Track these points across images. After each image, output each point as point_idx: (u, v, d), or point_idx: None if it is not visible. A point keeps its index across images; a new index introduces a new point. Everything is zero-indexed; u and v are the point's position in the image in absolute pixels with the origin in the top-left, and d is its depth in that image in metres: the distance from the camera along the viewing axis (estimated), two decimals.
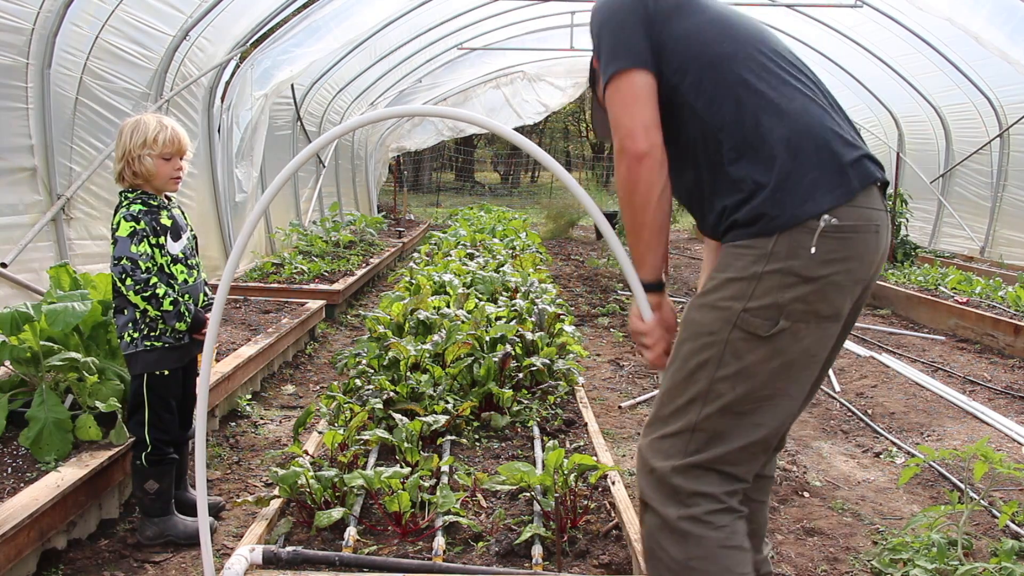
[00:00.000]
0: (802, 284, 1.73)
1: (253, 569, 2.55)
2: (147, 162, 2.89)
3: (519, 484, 2.96)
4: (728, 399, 1.78)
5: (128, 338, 2.96)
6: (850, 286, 1.79)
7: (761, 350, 1.76)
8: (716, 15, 1.90)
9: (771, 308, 1.75)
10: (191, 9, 6.31)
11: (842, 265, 1.75)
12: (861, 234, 1.76)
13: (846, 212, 1.73)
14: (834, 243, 1.73)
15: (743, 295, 1.76)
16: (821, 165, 1.75)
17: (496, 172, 33.59)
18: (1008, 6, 7.58)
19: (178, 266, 3.00)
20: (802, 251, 1.72)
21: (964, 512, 2.80)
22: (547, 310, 5.15)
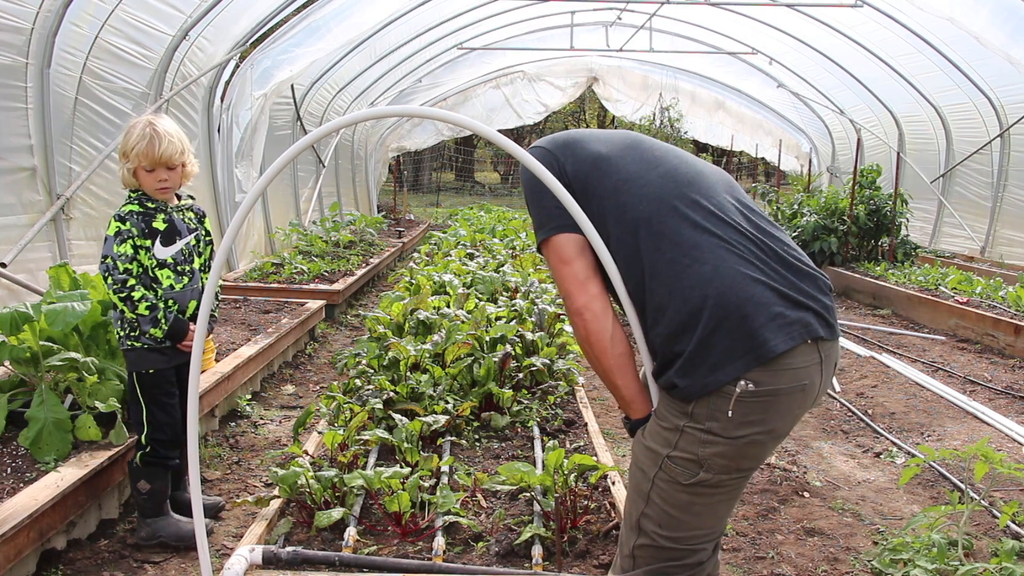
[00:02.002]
0: (722, 443, 1.77)
1: (253, 569, 2.54)
2: (126, 172, 2.91)
3: (519, 484, 2.95)
4: (651, 535, 1.86)
5: (118, 334, 2.99)
6: (773, 441, 1.83)
7: (682, 495, 1.82)
8: (632, 173, 1.88)
9: (692, 461, 1.79)
10: (191, 9, 6.31)
11: (762, 426, 1.77)
12: (782, 396, 1.76)
13: (765, 376, 1.73)
14: (752, 406, 1.74)
15: (668, 443, 1.82)
16: (732, 332, 1.73)
17: (496, 172, 33.58)
18: (1009, 6, 7.58)
19: (164, 271, 2.93)
20: (719, 414, 1.75)
21: (964, 512, 2.80)
22: (547, 310, 5.14)
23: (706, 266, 1.76)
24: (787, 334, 1.73)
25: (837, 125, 13.97)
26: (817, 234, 9.69)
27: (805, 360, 1.77)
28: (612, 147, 1.94)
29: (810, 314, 1.79)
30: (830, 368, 1.85)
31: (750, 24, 11.07)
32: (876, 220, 9.61)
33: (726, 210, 1.84)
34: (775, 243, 1.84)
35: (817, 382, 1.81)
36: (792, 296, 1.78)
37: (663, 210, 1.82)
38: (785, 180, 14.62)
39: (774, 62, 12.31)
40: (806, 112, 14.22)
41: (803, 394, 1.79)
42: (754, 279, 1.76)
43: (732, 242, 1.79)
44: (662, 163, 1.91)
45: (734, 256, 1.77)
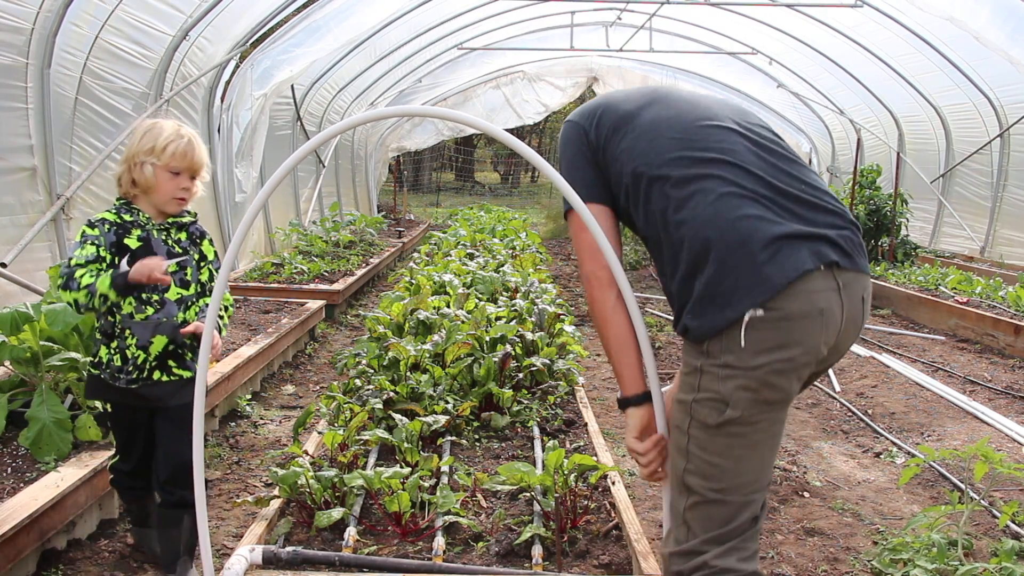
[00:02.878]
0: (741, 375, 1.75)
1: (253, 569, 2.54)
2: (147, 171, 2.50)
3: (519, 484, 2.96)
4: (699, 491, 1.82)
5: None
6: (796, 370, 1.78)
7: (718, 440, 1.80)
8: (645, 127, 1.94)
9: (717, 400, 1.78)
10: (191, 9, 6.31)
11: (780, 353, 1.74)
12: (796, 321, 1.74)
13: (775, 303, 1.72)
14: (764, 334, 1.73)
15: (693, 388, 1.82)
16: (736, 271, 1.74)
17: (496, 172, 33.58)
18: (1009, 6, 7.58)
19: (127, 299, 2.48)
20: (733, 346, 1.75)
21: (964, 512, 2.80)
22: (547, 310, 5.14)
23: (709, 209, 1.78)
24: (792, 265, 1.73)
25: (837, 125, 13.97)
26: None
27: (818, 285, 1.75)
28: (634, 105, 2.00)
29: (821, 243, 1.78)
30: (854, 298, 1.82)
31: (750, 24, 11.07)
32: (876, 220, 9.61)
33: (734, 152, 1.85)
34: (785, 180, 1.85)
35: (836, 309, 1.78)
36: (799, 229, 1.77)
37: (670, 157, 1.87)
38: None
39: (774, 62, 12.30)
40: (806, 112, 14.22)
41: (821, 319, 1.76)
42: (758, 217, 1.77)
43: (737, 182, 1.81)
44: (673, 114, 1.95)
45: (737, 197, 1.79)
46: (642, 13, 11.05)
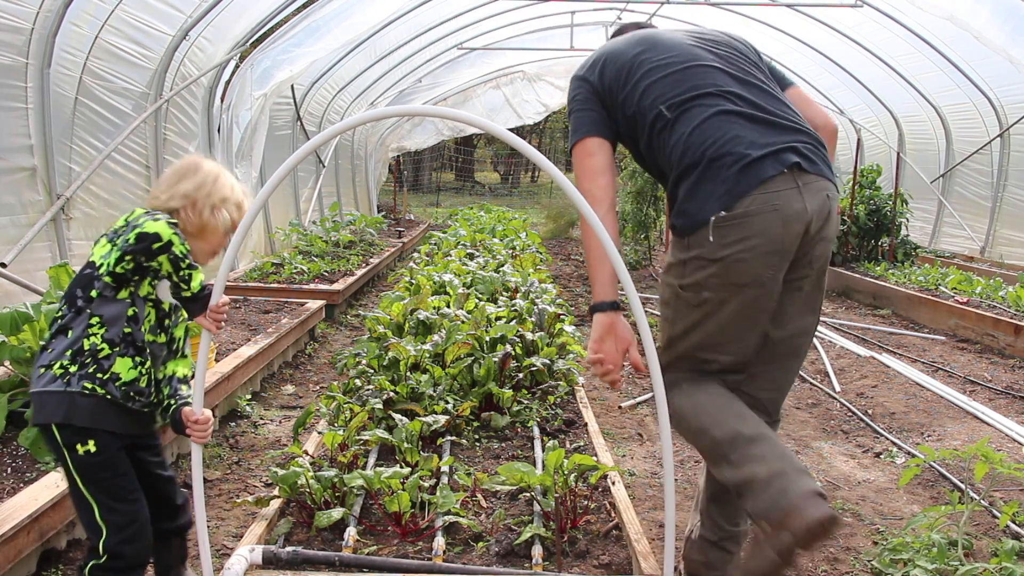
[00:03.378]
0: (711, 265, 2.17)
1: (253, 569, 2.54)
2: (223, 217, 2.25)
3: (519, 484, 2.95)
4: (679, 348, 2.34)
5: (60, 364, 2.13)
6: (759, 258, 2.15)
7: (695, 313, 2.25)
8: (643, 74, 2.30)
9: (696, 284, 2.22)
10: (191, 9, 6.31)
11: (741, 244, 2.13)
12: (755, 216, 2.12)
13: (737, 207, 2.12)
14: (727, 230, 2.13)
15: (680, 276, 2.25)
16: (710, 180, 2.14)
17: (496, 172, 33.58)
18: (1009, 5, 7.58)
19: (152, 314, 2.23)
20: (704, 241, 2.16)
21: (964, 512, 2.80)
22: (547, 310, 5.14)
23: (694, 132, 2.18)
24: (755, 175, 2.12)
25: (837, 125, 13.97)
26: None
27: (777, 186, 2.13)
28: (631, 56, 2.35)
29: (786, 152, 2.15)
30: (816, 195, 2.17)
31: (750, 24, 11.07)
32: (876, 220, 9.61)
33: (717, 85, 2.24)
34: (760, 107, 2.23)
35: (796, 204, 2.13)
36: (764, 143, 2.15)
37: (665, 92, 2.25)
38: None
39: (774, 62, 12.28)
40: None
41: (777, 213, 2.12)
42: (733, 137, 2.15)
43: (716, 109, 2.19)
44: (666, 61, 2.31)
45: (716, 120, 2.18)
46: (642, 13, 11.05)
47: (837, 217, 2.29)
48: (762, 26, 11.01)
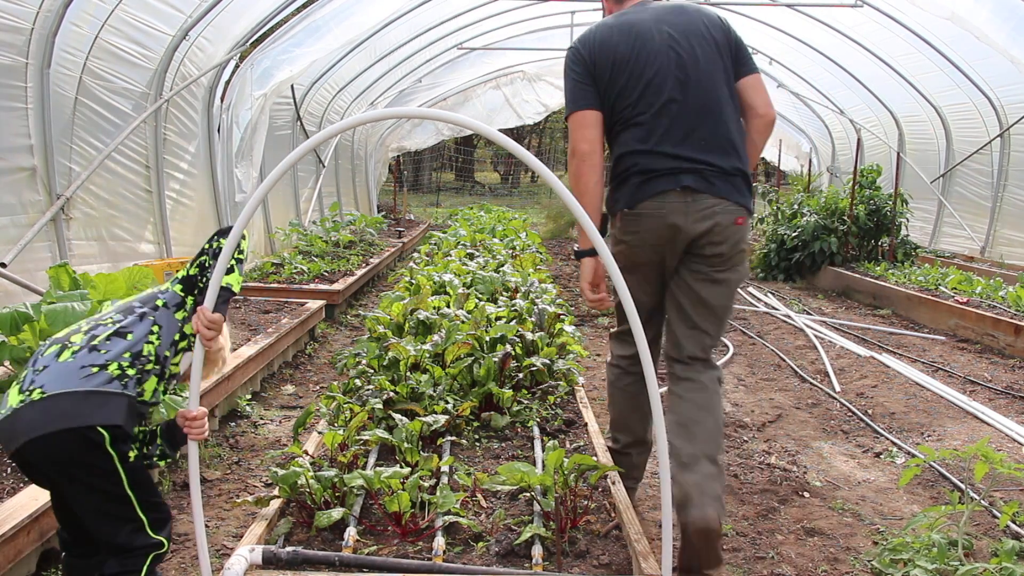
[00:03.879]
0: (621, 244, 2.98)
1: (253, 569, 2.54)
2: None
3: (519, 484, 2.95)
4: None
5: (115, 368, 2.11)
6: (645, 247, 2.93)
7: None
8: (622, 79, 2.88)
9: (617, 255, 2.92)
10: (191, 9, 6.31)
11: (634, 236, 2.93)
12: (644, 218, 2.87)
13: (636, 208, 2.88)
14: (627, 222, 2.93)
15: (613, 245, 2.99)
16: (625, 185, 2.90)
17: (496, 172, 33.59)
18: (1010, 5, 7.59)
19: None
20: (616, 227, 2.98)
21: (964, 512, 2.80)
22: (547, 310, 5.14)
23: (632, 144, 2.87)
24: (653, 188, 2.83)
25: (837, 125, 13.97)
26: (817, 234, 9.69)
27: (670, 200, 2.83)
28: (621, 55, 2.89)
29: (686, 175, 2.81)
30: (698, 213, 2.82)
31: (750, 24, 11.07)
32: (876, 220, 9.61)
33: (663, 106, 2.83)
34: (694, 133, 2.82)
35: (677, 218, 2.83)
36: (673, 164, 2.81)
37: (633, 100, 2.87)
38: (785, 180, 14.63)
39: (774, 62, 12.30)
40: (806, 112, 14.22)
41: (662, 220, 2.84)
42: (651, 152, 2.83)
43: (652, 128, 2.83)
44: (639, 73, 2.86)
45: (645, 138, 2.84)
46: None
47: (730, 226, 2.86)
48: (762, 26, 11.01)
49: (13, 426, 1.98)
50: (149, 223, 6.54)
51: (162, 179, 6.66)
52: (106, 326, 2.16)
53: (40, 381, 2.01)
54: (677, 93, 2.81)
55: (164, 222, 6.69)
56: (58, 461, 2.01)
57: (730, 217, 2.84)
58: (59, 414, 1.98)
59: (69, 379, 2.01)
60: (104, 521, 2.11)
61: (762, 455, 4.25)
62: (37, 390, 2.00)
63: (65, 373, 2.02)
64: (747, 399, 5.28)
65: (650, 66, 2.83)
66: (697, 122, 2.80)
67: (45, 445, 1.98)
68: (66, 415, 1.98)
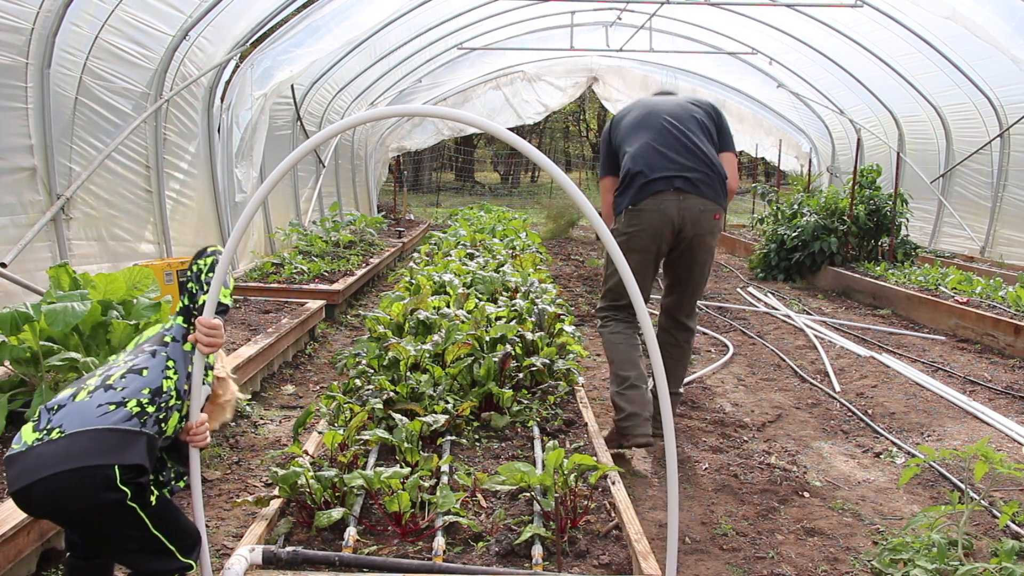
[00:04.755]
0: (621, 235, 3.89)
1: (253, 569, 2.54)
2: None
3: (519, 484, 2.95)
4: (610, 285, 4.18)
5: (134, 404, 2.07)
6: (647, 237, 3.89)
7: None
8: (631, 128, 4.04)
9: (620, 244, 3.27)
10: (191, 9, 6.31)
11: (636, 227, 3.89)
12: (645, 212, 3.87)
13: (638, 205, 3.87)
14: (630, 217, 3.91)
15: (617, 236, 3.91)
16: (631, 187, 3.91)
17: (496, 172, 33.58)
18: (1011, 4, 7.59)
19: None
20: (620, 221, 3.93)
21: (964, 512, 2.80)
22: (547, 310, 5.14)
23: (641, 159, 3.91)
24: (653, 189, 3.85)
25: (837, 125, 13.97)
26: (817, 234, 9.69)
27: (665, 199, 3.84)
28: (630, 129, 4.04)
29: (677, 179, 3.84)
30: (692, 207, 3.84)
31: (750, 24, 11.07)
32: (876, 220, 9.61)
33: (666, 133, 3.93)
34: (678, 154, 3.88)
35: (672, 213, 3.84)
36: (667, 173, 3.84)
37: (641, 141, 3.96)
38: (785, 180, 14.62)
39: (774, 62, 12.30)
40: (806, 112, 14.22)
41: (659, 212, 3.84)
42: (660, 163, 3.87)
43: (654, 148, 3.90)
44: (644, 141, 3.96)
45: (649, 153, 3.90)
46: (642, 13, 11.05)
47: (710, 220, 3.89)
48: (762, 26, 11.01)
49: (27, 461, 1.93)
50: (149, 223, 6.54)
51: (162, 179, 6.66)
52: (119, 366, 2.14)
53: (58, 421, 1.97)
54: (667, 135, 3.91)
55: (164, 222, 6.69)
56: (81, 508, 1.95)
57: (709, 212, 3.89)
58: (80, 451, 1.93)
59: (86, 417, 1.98)
60: (132, 556, 2.11)
61: (762, 455, 4.25)
62: (56, 429, 1.96)
63: (82, 411, 1.99)
64: (747, 399, 5.28)
65: (647, 121, 4.00)
66: (682, 149, 3.89)
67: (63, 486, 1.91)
68: (87, 452, 1.93)
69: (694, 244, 3.92)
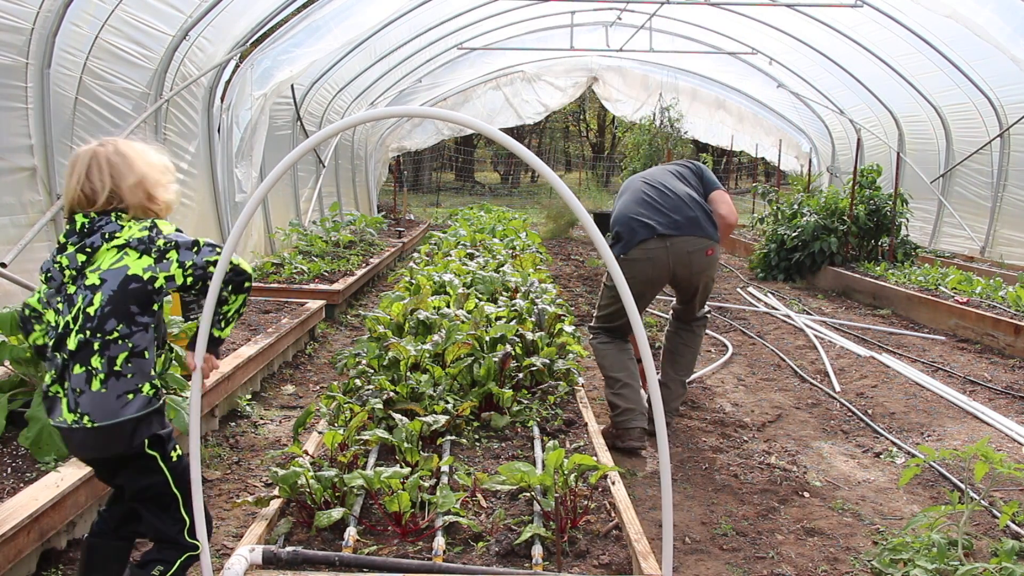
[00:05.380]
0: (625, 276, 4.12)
1: (253, 569, 2.54)
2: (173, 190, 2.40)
3: (519, 484, 2.95)
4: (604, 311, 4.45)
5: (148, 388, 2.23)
6: (640, 282, 4.14)
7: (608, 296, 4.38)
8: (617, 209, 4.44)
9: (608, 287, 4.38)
10: (191, 9, 6.31)
11: (630, 273, 3.77)
12: (638, 261, 4.16)
13: (629, 254, 4.17)
14: (624, 265, 4.00)
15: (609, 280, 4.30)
16: (620, 241, 4.23)
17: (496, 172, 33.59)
18: (1012, 4, 7.59)
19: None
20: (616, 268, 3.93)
21: (964, 512, 2.80)
22: (547, 310, 5.14)
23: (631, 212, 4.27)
24: (639, 237, 4.16)
25: (837, 125, 13.97)
26: (817, 234, 9.69)
27: (653, 245, 4.15)
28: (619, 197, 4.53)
29: (659, 225, 4.15)
30: (679, 250, 4.16)
31: (750, 24, 11.07)
32: (876, 220, 9.61)
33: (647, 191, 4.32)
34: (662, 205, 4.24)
35: (663, 257, 4.16)
36: (648, 221, 4.17)
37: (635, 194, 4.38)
38: (785, 180, 14.62)
39: (774, 62, 12.31)
40: (806, 112, 14.22)
41: (650, 261, 4.16)
42: (635, 217, 4.23)
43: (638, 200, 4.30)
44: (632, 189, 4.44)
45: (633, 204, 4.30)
46: (642, 13, 11.05)
47: (703, 258, 4.20)
48: (762, 26, 11.01)
49: (70, 440, 2.22)
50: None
51: None
52: (116, 344, 2.16)
53: (84, 407, 2.15)
54: (645, 192, 4.31)
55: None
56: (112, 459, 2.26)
57: (701, 248, 4.19)
58: (113, 441, 2.18)
59: (109, 409, 2.16)
60: (156, 513, 2.30)
61: (762, 455, 4.25)
62: (86, 417, 2.15)
63: (104, 404, 2.16)
64: (747, 399, 5.28)
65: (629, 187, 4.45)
66: (660, 198, 4.27)
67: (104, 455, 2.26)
68: (119, 442, 2.19)
69: (692, 281, 4.29)
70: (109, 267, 2.18)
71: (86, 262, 2.19)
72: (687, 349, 4.58)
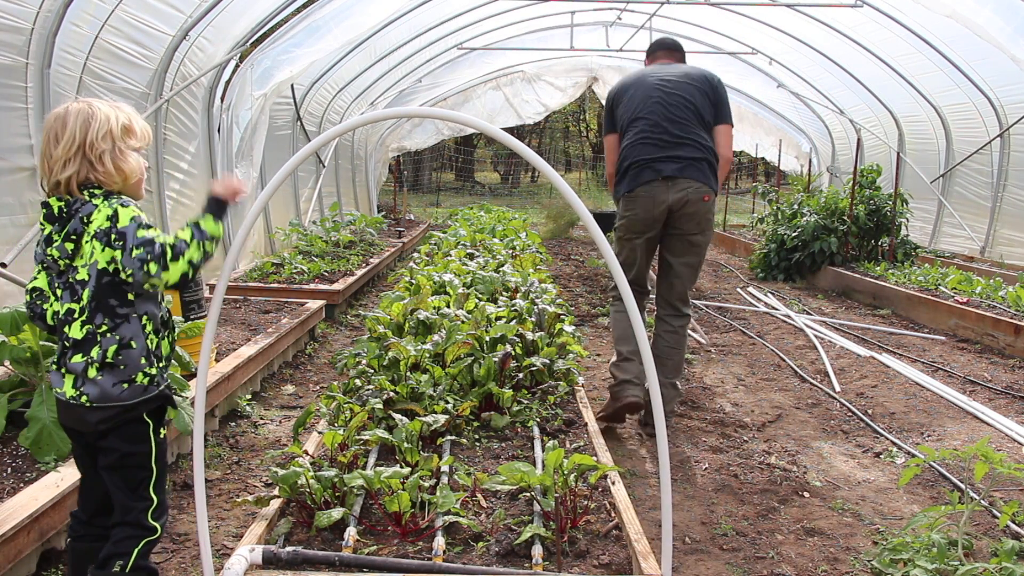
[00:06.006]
0: (621, 219, 4.42)
1: (253, 569, 2.54)
2: (133, 159, 2.22)
3: (519, 484, 2.96)
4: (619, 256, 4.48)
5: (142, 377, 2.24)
6: (640, 219, 4.33)
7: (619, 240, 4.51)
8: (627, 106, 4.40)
9: (619, 227, 4.48)
10: (191, 9, 6.31)
11: (631, 212, 4.33)
12: (639, 199, 4.29)
13: (633, 192, 4.30)
14: (626, 203, 4.36)
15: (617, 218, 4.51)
16: (627, 178, 4.33)
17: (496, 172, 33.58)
18: (1012, 6, 7.59)
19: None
20: (620, 206, 4.42)
21: (964, 512, 2.80)
22: (547, 310, 5.14)
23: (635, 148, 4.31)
24: (645, 177, 4.25)
25: (837, 125, 13.97)
26: (817, 234, 9.69)
27: (655, 185, 4.24)
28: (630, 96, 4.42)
29: (665, 166, 4.22)
30: (677, 191, 4.22)
31: (750, 24, 11.07)
32: (876, 220, 9.61)
33: (657, 124, 4.28)
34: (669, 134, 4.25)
35: (663, 197, 4.24)
36: (658, 162, 4.23)
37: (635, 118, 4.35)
38: (785, 180, 14.62)
39: (774, 62, 12.30)
40: (806, 112, 14.22)
41: (651, 198, 4.26)
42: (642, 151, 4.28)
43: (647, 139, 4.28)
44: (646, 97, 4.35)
45: (641, 145, 4.29)
46: (642, 13, 11.05)
47: (699, 202, 4.23)
48: (762, 26, 11.01)
49: (65, 411, 2.25)
50: None
51: (162, 179, 6.66)
52: (106, 337, 2.17)
53: (84, 389, 2.20)
54: (658, 127, 4.26)
55: (164, 222, 6.69)
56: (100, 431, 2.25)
57: (696, 193, 4.23)
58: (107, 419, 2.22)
59: (107, 394, 2.20)
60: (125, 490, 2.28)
61: (762, 455, 4.25)
62: (85, 396, 2.19)
63: (104, 391, 2.19)
64: (747, 399, 5.28)
65: (644, 108, 4.32)
66: (671, 139, 4.24)
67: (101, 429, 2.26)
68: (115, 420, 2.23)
69: (685, 222, 4.30)
70: (89, 261, 2.15)
71: (75, 250, 2.16)
72: (673, 351, 4.49)
